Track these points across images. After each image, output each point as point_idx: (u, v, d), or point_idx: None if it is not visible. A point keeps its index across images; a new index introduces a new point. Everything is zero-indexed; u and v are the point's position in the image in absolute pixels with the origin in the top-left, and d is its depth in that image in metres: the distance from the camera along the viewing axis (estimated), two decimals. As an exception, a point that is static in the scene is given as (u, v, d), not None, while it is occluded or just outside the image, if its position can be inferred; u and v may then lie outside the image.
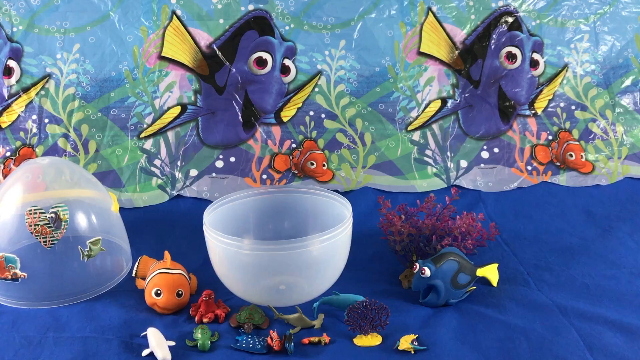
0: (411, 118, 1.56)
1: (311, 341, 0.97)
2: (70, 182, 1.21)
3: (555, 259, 1.26)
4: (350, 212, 1.11)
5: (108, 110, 1.51)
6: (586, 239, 1.35)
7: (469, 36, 1.56)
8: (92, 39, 1.50)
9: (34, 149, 1.50)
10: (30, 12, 1.49)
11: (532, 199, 1.50)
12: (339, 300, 1.05)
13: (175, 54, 1.52)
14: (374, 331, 0.98)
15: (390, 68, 1.55)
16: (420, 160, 1.54)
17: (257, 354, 0.95)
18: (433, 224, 1.20)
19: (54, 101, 1.50)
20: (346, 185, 1.52)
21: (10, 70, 1.50)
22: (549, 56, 1.58)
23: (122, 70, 1.51)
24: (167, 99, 1.52)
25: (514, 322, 1.01)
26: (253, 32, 1.52)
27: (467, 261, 1.09)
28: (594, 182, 1.54)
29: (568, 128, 1.58)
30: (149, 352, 0.94)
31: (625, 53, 1.58)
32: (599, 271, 1.20)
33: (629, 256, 1.26)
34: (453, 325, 1.01)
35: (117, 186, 1.49)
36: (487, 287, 1.14)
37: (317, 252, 1.03)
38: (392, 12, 1.55)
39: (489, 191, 1.53)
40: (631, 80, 1.59)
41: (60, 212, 1.11)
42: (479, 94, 1.57)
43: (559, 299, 1.08)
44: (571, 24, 1.58)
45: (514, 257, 1.27)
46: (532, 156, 1.57)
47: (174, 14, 1.51)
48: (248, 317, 1.02)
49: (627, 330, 0.98)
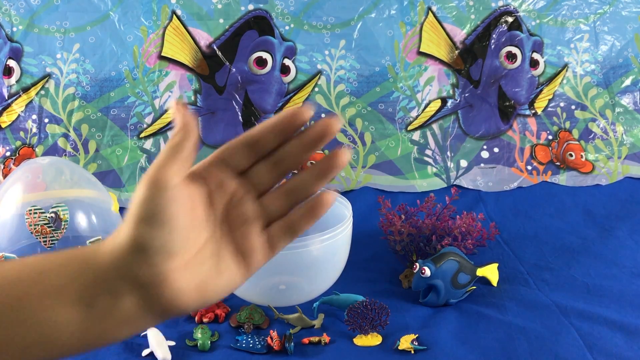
0: (411, 118, 1.56)
1: (311, 341, 0.97)
2: (70, 182, 1.21)
3: (555, 258, 1.26)
4: (350, 212, 1.11)
5: (108, 110, 1.51)
6: (586, 239, 1.35)
7: (469, 36, 1.56)
8: (92, 39, 1.50)
9: (34, 148, 1.50)
10: (30, 11, 1.49)
11: (532, 199, 1.50)
12: (339, 300, 1.05)
13: (175, 54, 1.52)
14: (374, 331, 0.98)
15: (390, 68, 1.55)
16: (420, 160, 1.54)
17: (257, 354, 0.95)
18: (433, 223, 1.20)
19: (53, 101, 1.50)
20: (346, 185, 1.52)
21: (10, 70, 1.50)
22: (549, 56, 1.58)
23: (122, 70, 1.51)
24: (167, 99, 1.52)
25: (514, 321, 1.01)
26: (253, 32, 1.52)
27: (467, 261, 1.09)
28: (594, 181, 1.54)
29: (568, 128, 1.58)
30: (149, 352, 0.94)
31: (625, 53, 1.58)
32: (599, 271, 1.20)
33: (629, 256, 1.26)
34: (453, 325, 1.01)
35: (117, 186, 1.49)
36: (487, 287, 1.14)
37: (317, 252, 1.03)
38: (392, 11, 1.55)
39: (489, 191, 1.53)
40: (631, 80, 1.59)
41: (60, 212, 1.11)
42: (479, 94, 1.57)
43: (559, 298, 1.08)
44: (571, 24, 1.58)
45: (514, 256, 1.27)
46: (532, 156, 1.57)
47: (174, 13, 1.51)
48: (248, 317, 1.02)
49: (628, 330, 0.98)
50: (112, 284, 0.37)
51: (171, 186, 0.37)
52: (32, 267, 0.38)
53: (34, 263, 0.38)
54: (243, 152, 0.41)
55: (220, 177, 0.41)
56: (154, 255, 0.37)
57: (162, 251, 0.37)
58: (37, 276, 0.37)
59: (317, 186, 0.42)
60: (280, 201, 0.42)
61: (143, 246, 0.37)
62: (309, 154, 0.41)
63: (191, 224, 0.39)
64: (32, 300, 0.37)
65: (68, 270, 0.38)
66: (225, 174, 0.41)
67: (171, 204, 0.37)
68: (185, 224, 0.38)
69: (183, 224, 0.38)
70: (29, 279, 0.37)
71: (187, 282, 0.38)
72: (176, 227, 0.37)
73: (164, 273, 0.37)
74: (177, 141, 0.38)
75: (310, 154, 0.41)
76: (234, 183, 0.42)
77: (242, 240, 0.42)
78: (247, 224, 0.42)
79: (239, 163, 0.41)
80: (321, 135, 0.40)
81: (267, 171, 0.42)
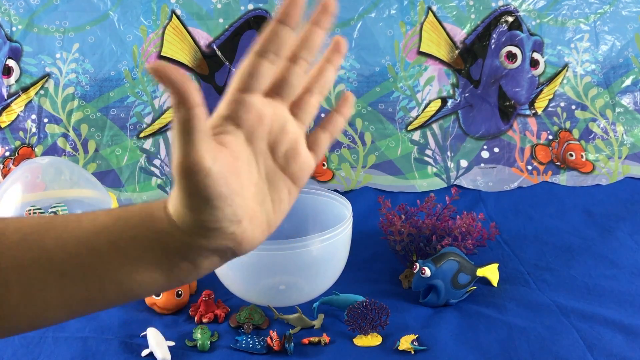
0: (411, 118, 1.55)
1: (311, 341, 0.96)
2: (70, 182, 1.20)
3: (556, 258, 1.26)
4: (350, 212, 1.11)
5: (107, 109, 1.51)
6: (586, 239, 1.34)
7: (469, 36, 1.56)
8: (91, 39, 1.50)
9: (33, 148, 1.50)
10: (30, 11, 1.49)
11: (532, 199, 1.50)
12: (339, 300, 1.05)
13: (174, 54, 1.51)
14: (374, 331, 0.98)
15: (390, 67, 1.55)
16: (420, 160, 1.54)
17: (257, 354, 0.94)
18: (433, 223, 1.19)
19: (53, 101, 1.50)
20: (346, 185, 1.52)
21: (10, 70, 1.50)
22: (549, 56, 1.58)
23: (121, 70, 1.51)
24: (167, 99, 1.52)
25: (514, 322, 1.01)
26: (253, 32, 1.52)
27: (467, 261, 1.09)
28: (595, 181, 1.54)
29: (568, 128, 1.58)
30: (149, 352, 0.94)
31: (625, 53, 1.58)
32: (600, 271, 1.20)
33: (630, 256, 1.26)
34: (453, 325, 1.01)
35: (116, 186, 1.49)
36: (487, 287, 1.14)
37: (317, 252, 1.03)
38: (392, 11, 1.54)
39: (489, 191, 1.53)
40: (631, 80, 1.58)
41: (59, 211, 1.11)
42: (479, 94, 1.57)
43: (559, 299, 1.08)
44: (571, 24, 1.58)
45: (514, 257, 1.27)
46: (532, 156, 1.56)
47: (174, 13, 1.51)
48: (248, 317, 1.02)
49: (628, 330, 0.98)
50: (189, 254, 0.38)
51: (208, 168, 0.35)
52: (105, 237, 0.38)
53: (104, 231, 0.38)
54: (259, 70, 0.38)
55: (251, 113, 0.38)
56: (224, 230, 0.37)
57: (229, 224, 0.37)
58: (112, 246, 0.38)
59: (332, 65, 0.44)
60: (310, 97, 0.42)
61: (211, 227, 0.37)
62: (320, 31, 0.41)
63: (245, 182, 0.38)
64: (110, 267, 0.38)
65: (141, 243, 0.38)
66: (253, 106, 0.38)
67: (218, 181, 0.35)
68: (239, 187, 0.37)
69: (238, 188, 0.37)
70: (104, 249, 0.38)
71: (257, 227, 0.39)
72: (233, 196, 0.36)
73: (238, 236, 0.38)
74: (183, 117, 0.34)
75: (320, 31, 0.41)
76: (266, 108, 0.39)
77: (292, 160, 0.41)
78: (292, 142, 0.41)
79: (262, 83, 0.39)
80: (322, 10, 0.40)
81: (291, 74, 0.40)
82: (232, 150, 0.38)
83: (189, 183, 0.35)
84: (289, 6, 0.38)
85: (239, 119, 0.38)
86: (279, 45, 0.38)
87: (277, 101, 0.40)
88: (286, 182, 0.41)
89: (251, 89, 0.38)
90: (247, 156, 0.39)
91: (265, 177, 0.40)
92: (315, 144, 0.43)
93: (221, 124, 0.38)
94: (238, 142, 0.38)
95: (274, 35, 0.38)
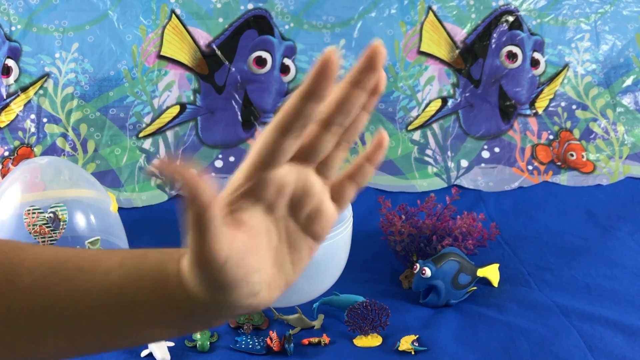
0: (411, 117, 1.55)
1: (311, 342, 0.96)
2: (69, 182, 1.20)
3: (556, 259, 1.26)
4: (351, 212, 1.11)
5: (107, 109, 1.51)
6: (587, 239, 1.34)
7: (469, 35, 1.55)
8: (90, 38, 1.50)
9: (33, 148, 1.49)
10: (29, 11, 1.49)
11: (533, 199, 1.49)
12: (339, 301, 1.05)
13: (174, 53, 1.51)
14: (374, 332, 0.97)
15: (391, 67, 1.54)
16: (421, 160, 1.54)
17: (257, 355, 0.94)
18: (433, 224, 1.19)
19: (52, 100, 1.50)
20: (346, 185, 1.52)
21: (9, 70, 1.49)
22: (550, 55, 1.58)
23: (120, 70, 1.50)
24: (166, 99, 1.51)
25: (514, 322, 1.01)
26: (252, 31, 1.52)
27: (467, 261, 1.09)
28: (595, 181, 1.54)
29: (569, 127, 1.58)
30: (148, 353, 0.94)
31: (626, 52, 1.58)
32: (600, 271, 1.20)
33: (630, 256, 1.26)
34: (453, 325, 1.01)
35: (116, 186, 1.49)
36: (487, 287, 1.14)
37: (317, 252, 1.03)
38: (392, 11, 1.54)
39: (489, 191, 1.52)
40: (632, 80, 1.58)
41: (58, 212, 1.11)
42: (480, 94, 1.57)
43: (559, 299, 1.08)
44: (572, 23, 1.58)
45: (514, 257, 1.27)
46: (532, 156, 1.56)
47: (173, 12, 1.50)
48: (247, 317, 1.02)
49: (628, 330, 0.98)
50: (204, 319, 0.37)
51: (224, 261, 0.32)
52: (117, 298, 0.37)
53: (117, 291, 0.37)
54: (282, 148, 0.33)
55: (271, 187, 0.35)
56: (241, 304, 0.35)
57: (246, 299, 0.35)
58: (124, 309, 0.37)
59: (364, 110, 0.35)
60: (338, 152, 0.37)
61: (229, 305, 0.35)
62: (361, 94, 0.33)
63: (263, 254, 0.36)
64: (123, 325, 0.37)
65: (156, 304, 0.36)
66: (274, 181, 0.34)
67: (234, 269, 0.33)
68: (257, 263, 0.35)
69: (256, 265, 0.34)
70: (116, 308, 0.37)
71: (274, 290, 0.37)
72: (250, 276, 0.34)
73: (254, 305, 0.36)
74: (196, 213, 0.31)
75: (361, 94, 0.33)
76: (289, 176, 0.35)
77: (315, 221, 0.38)
78: (316, 204, 0.37)
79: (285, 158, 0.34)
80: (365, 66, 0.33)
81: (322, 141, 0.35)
82: (249, 227, 0.35)
83: (204, 274, 0.33)
84: (317, 80, 0.31)
85: (258, 194, 0.35)
86: (305, 122, 0.32)
87: (303, 165, 0.36)
88: (307, 242, 0.39)
89: (272, 166, 0.34)
90: (267, 226, 0.36)
91: (286, 241, 0.38)
92: (340, 195, 0.38)
93: (237, 201, 0.35)
94: (256, 215, 0.35)
95: (299, 113, 0.32)
